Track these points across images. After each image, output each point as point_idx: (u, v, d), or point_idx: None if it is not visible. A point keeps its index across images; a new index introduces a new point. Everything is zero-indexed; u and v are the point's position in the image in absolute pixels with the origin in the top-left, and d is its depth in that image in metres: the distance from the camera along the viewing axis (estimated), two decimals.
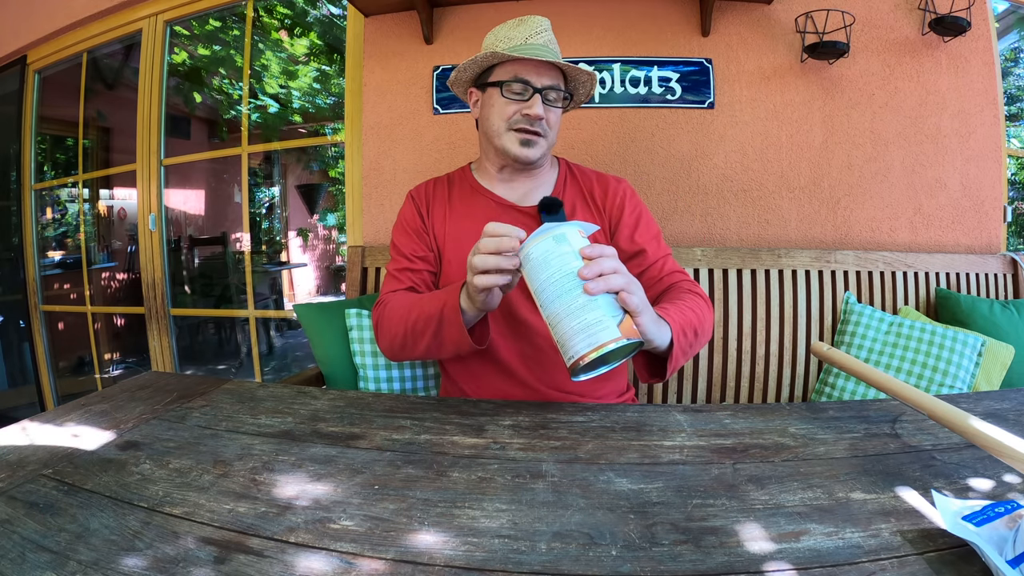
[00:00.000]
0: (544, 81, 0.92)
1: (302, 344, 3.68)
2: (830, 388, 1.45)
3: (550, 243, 0.63)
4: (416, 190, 1.07)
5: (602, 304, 0.60)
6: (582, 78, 0.98)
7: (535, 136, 0.93)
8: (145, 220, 2.27)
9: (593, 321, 0.59)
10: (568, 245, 0.63)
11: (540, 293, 0.63)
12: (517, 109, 0.92)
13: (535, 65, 0.92)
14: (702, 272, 1.57)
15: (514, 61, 0.92)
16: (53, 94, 2.68)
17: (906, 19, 1.67)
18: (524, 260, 0.64)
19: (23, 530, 0.45)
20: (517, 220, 0.96)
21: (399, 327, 0.87)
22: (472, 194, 1.02)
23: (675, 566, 0.40)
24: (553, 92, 0.94)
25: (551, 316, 0.62)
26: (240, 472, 0.56)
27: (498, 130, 0.95)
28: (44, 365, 2.67)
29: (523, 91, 0.92)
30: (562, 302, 0.60)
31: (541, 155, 0.95)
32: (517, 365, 0.94)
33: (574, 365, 0.59)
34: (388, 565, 0.41)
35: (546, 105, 0.93)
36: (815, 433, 0.64)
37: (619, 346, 0.59)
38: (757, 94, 1.71)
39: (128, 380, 0.88)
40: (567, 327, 0.60)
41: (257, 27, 2.61)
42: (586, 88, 1.02)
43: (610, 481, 0.53)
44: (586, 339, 0.59)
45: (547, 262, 0.62)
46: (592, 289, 0.60)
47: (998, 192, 1.69)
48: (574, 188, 1.02)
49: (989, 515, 0.41)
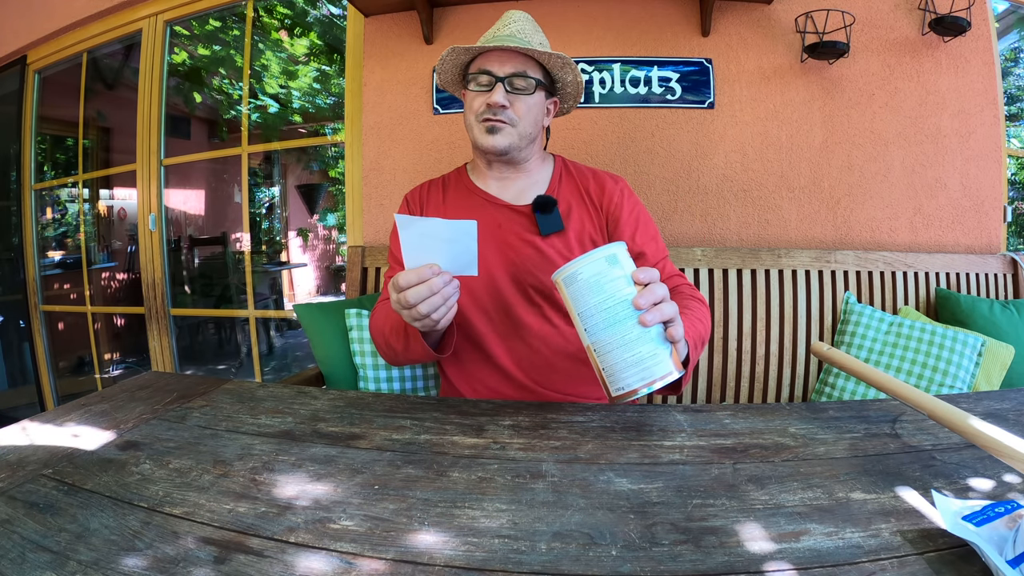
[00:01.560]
0: (507, 69, 0.91)
1: (302, 344, 3.67)
2: (830, 388, 1.45)
3: (602, 265, 0.59)
4: (411, 193, 1.07)
5: (654, 336, 0.59)
6: (558, 66, 0.97)
7: (498, 123, 0.92)
8: (145, 220, 2.27)
9: (647, 355, 0.58)
10: (620, 268, 0.60)
11: (587, 318, 0.60)
12: (483, 100, 0.92)
13: (497, 55, 0.92)
14: (702, 272, 1.57)
15: (481, 55, 0.93)
16: (53, 94, 2.68)
17: (906, 19, 1.67)
18: (570, 279, 0.61)
19: (23, 530, 0.45)
20: (512, 219, 0.96)
21: (379, 337, 0.91)
22: (467, 194, 1.02)
23: (675, 566, 0.40)
24: (520, 80, 0.92)
25: (599, 344, 0.60)
26: (240, 472, 0.56)
27: (469, 124, 0.95)
28: (44, 365, 2.67)
29: (488, 82, 0.92)
30: (614, 331, 0.58)
31: (509, 144, 0.93)
32: (513, 367, 0.93)
33: (621, 396, 0.59)
34: (388, 565, 0.41)
35: (513, 93, 0.92)
36: (815, 433, 0.64)
37: (670, 382, 0.59)
38: (757, 94, 1.71)
39: (128, 380, 0.88)
40: (618, 358, 0.58)
41: (257, 27, 2.61)
42: (569, 77, 0.99)
43: (610, 481, 0.53)
44: (639, 373, 0.58)
45: (599, 286, 0.59)
46: (648, 321, 0.58)
47: (998, 192, 1.69)
48: (570, 185, 1.01)
49: (989, 515, 0.41)
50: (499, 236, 0.95)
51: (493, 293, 0.94)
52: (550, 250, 0.93)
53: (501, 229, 0.96)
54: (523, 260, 0.93)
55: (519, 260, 0.93)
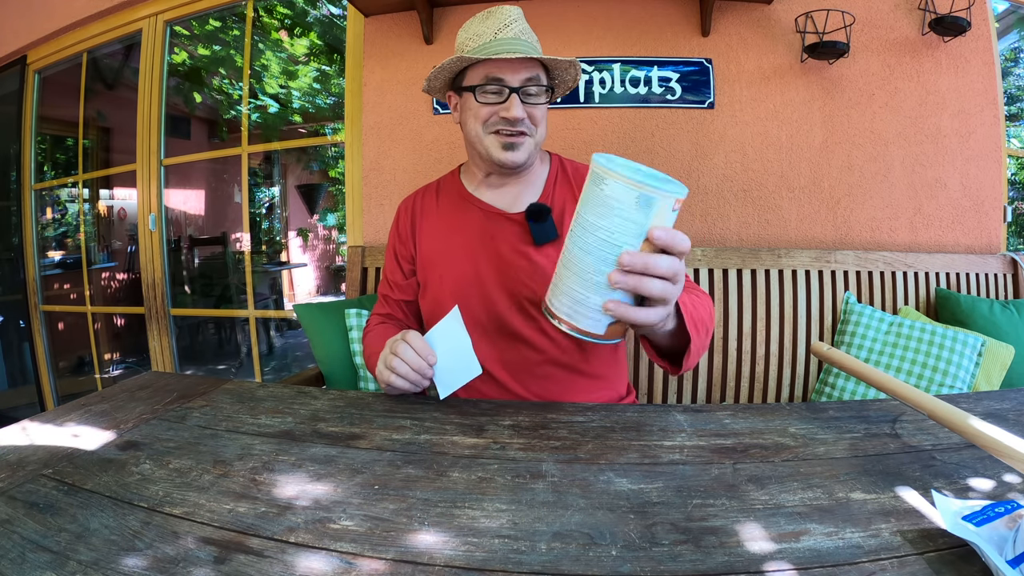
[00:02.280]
0: (520, 77, 0.86)
1: (302, 344, 3.67)
2: (830, 388, 1.45)
3: (629, 196, 0.49)
4: (405, 203, 1.05)
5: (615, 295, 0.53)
6: (564, 67, 0.92)
7: (519, 137, 0.87)
8: (145, 220, 2.27)
9: (591, 305, 0.54)
10: (643, 216, 0.50)
11: (578, 230, 0.54)
12: (494, 111, 0.86)
13: (508, 62, 0.85)
14: (702, 272, 1.57)
15: (484, 62, 0.86)
16: (53, 94, 2.68)
17: (906, 19, 1.67)
18: (597, 178, 0.51)
19: (23, 530, 0.45)
20: (506, 228, 0.93)
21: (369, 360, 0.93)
22: (461, 203, 0.99)
23: (675, 566, 0.40)
24: (533, 87, 0.87)
25: (569, 257, 0.55)
26: (240, 472, 0.56)
27: (478, 135, 0.89)
28: (44, 365, 2.67)
29: (499, 92, 0.86)
30: (584, 263, 0.52)
31: (528, 156, 0.90)
32: (508, 378, 0.92)
33: (548, 311, 0.58)
34: (388, 565, 0.41)
35: (527, 103, 0.87)
36: (815, 433, 0.64)
37: (594, 342, 0.57)
38: (757, 94, 1.71)
39: (128, 380, 0.88)
40: (570, 283, 0.54)
41: (257, 27, 2.61)
42: (570, 76, 0.95)
43: (610, 481, 0.53)
44: (570, 309, 0.55)
45: (609, 211, 0.50)
46: (614, 281, 0.51)
47: (998, 192, 1.69)
48: (565, 187, 0.97)
49: (989, 515, 0.41)
50: (492, 247, 0.93)
51: (487, 304, 0.92)
52: (544, 260, 0.90)
53: (495, 240, 0.93)
54: (516, 272, 0.91)
55: (511, 272, 0.91)
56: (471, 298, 0.92)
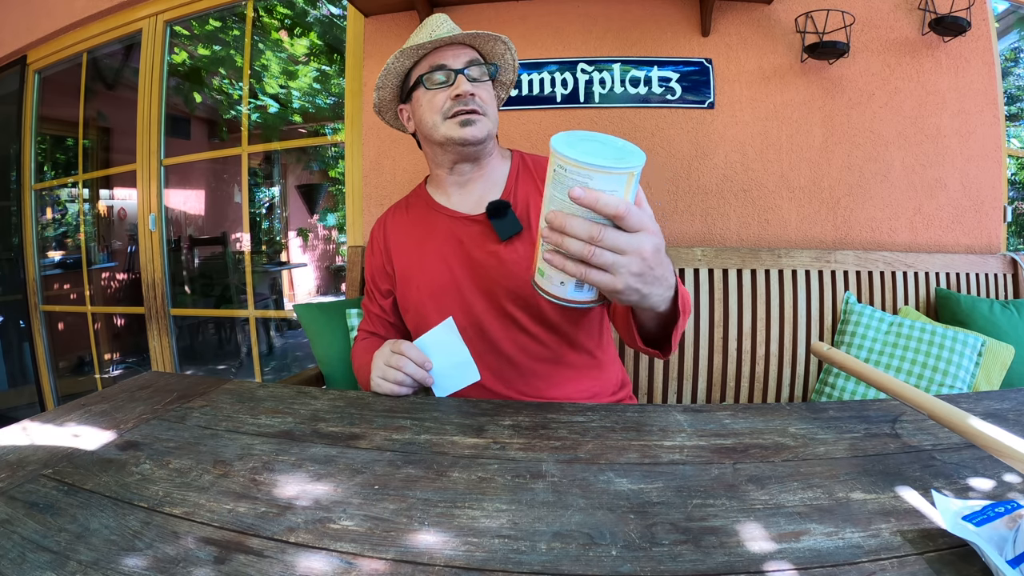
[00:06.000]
0: (461, 60, 0.91)
1: (302, 344, 3.67)
2: (830, 388, 1.45)
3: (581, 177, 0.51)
4: (378, 223, 1.09)
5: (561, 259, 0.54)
6: (498, 49, 0.96)
7: (473, 114, 0.90)
8: (145, 220, 2.27)
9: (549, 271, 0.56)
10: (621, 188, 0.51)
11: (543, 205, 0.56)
12: (446, 96, 0.90)
13: (448, 48, 0.91)
14: (702, 272, 1.57)
15: (427, 56, 0.92)
16: (53, 94, 2.68)
17: (906, 19, 1.68)
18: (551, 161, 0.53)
19: (23, 530, 0.45)
20: (472, 230, 0.94)
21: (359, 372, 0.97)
22: (428, 213, 1.00)
23: (675, 566, 0.40)
24: (475, 68, 0.92)
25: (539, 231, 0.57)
26: (240, 472, 0.56)
27: (435, 124, 0.92)
28: (44, 365, 2.67)
29: (446, 77, 0.90)
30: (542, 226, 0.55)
31: (487, 133, 0.91)
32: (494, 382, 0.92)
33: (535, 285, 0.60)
34: (388, 565, 0.41)
35: (473, 83, 0.91)
36: (815, 433, 0.64)
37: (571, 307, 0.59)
38: (757, 94, 1.71)
39: (128, 380, 0.88)
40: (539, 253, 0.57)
41: (257, 27, 2.61)
42: (507, 61, 1.00)
43: (610, 481, 0.53)
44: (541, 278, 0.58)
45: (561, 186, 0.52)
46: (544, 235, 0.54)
47: (998, 192, 1.69)
48: (527, 181, 0.98)
49: (989, 515, 0.41)
50: (462, 252, 0.94)
51: (466, 311, 0.92)
52: (513, 255, 0.91)
53: (463, 244, 0.94)
54: (488, 271, 0.92)
55: (483, 272, 0.92)
56: (450, 304, 0.93)
